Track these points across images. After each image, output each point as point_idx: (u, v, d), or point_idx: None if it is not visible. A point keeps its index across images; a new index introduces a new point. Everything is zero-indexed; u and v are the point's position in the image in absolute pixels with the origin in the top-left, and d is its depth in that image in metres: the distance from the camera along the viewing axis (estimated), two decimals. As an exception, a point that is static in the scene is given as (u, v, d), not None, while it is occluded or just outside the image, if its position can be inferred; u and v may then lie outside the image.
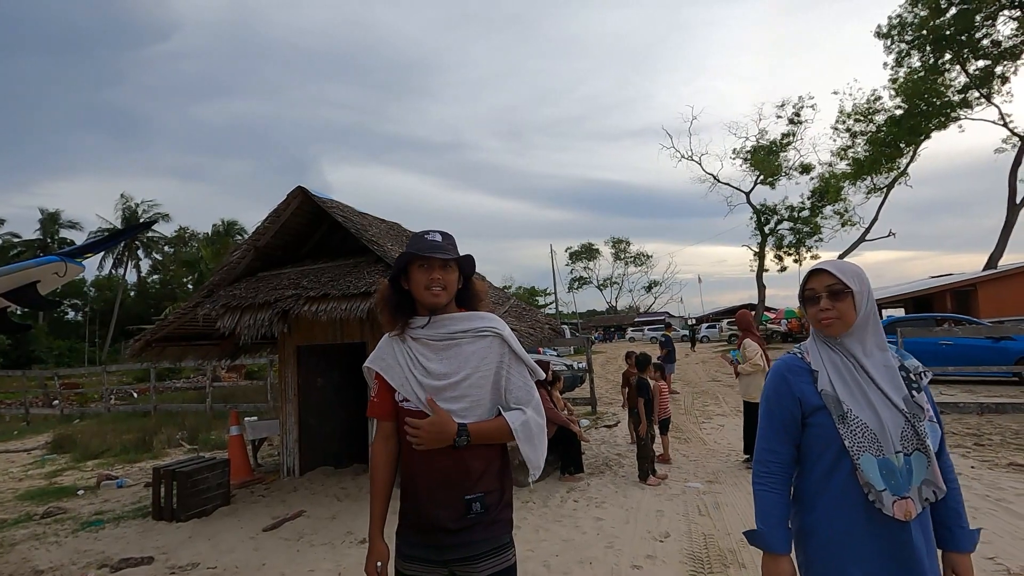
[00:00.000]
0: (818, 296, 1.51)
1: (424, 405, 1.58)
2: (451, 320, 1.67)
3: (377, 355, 1.73)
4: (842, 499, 1.42)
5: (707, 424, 8.60)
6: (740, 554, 3.66)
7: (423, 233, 1.70)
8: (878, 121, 25.94)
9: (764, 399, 1.60)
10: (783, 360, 1.59)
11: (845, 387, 1.45)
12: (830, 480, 1.44)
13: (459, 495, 1.55)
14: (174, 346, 7.00)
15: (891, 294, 24.68)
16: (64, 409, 16.21)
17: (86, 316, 42.03)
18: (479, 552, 1.55)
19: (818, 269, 1.54)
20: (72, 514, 5.89)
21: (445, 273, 1.64)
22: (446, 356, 1.63)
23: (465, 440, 1.55)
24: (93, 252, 2.66)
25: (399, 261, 1.68)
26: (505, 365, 1.66)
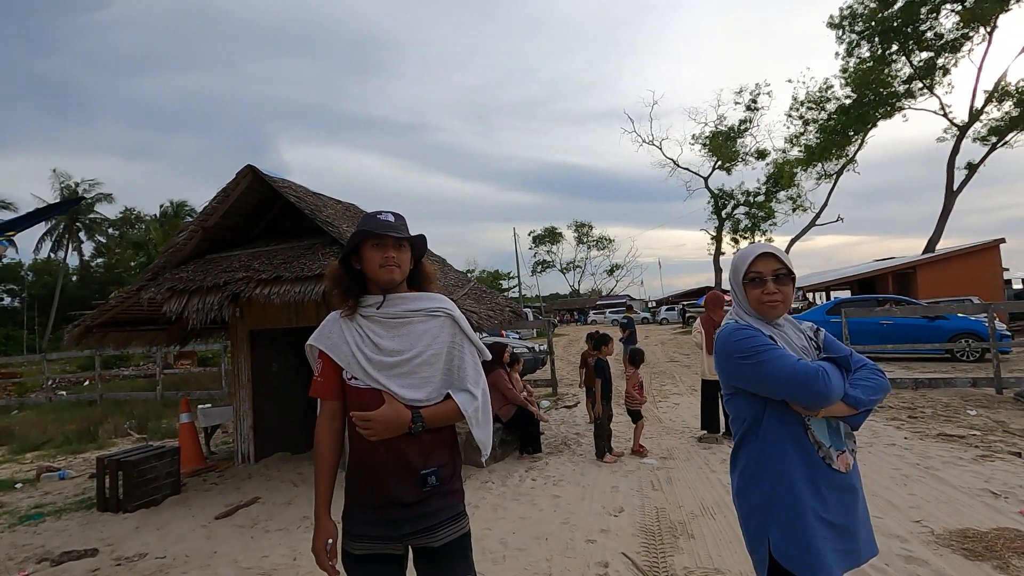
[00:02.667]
0: (765, 279, 1.56)
1: (372, 383, 1.60)
2: (403, 299, 1.70)
3: (321, 333, 1.71)
4: (803, 456, 1.51)
5: (663, 403, 8.84)
6: (690, 525, 3.80)
7: (375, 213, 1.71)
8: (829, 109, 26.84)
9: (753, 338, 1.53)
10: (733, 323, 1.62)
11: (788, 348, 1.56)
12: (787, 441, 1.53)
13: (415, 471, 1.59)
14: (117, 332, 6.68)
15: (838, 276, 25.81)
16: (0, 400, 15.34)
17: (24, 302, 39.67)
18: (437, 521, 1.60)
19: (765, 253, 1.59)
20: (9, 508, 5.61)
21: (399, 252, 1.67)
22: (398, 334, 1.66)
23: (420, 426, 1.59)
24: (17, 229, 2.49)
25: (352, 240, 1.69)
26: (456, 345, 1.71)
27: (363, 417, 1.57)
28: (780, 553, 1.48)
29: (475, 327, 5.70)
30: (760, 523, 1.55)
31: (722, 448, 5.81)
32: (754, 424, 1.59)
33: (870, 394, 1.50)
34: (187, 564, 3.79)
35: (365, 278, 1.71)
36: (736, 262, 1.67)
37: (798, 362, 1.47)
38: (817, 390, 1.43)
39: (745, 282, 1.60)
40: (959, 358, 11.19)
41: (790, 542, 1.48)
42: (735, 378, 1.60)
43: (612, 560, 3.35)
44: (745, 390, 1.58)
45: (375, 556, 1.61)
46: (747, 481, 1.60)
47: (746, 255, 1.62)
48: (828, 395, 1.44)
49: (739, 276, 1.62)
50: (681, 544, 3.53)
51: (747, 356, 1.52)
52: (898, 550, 3.19)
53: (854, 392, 1.48)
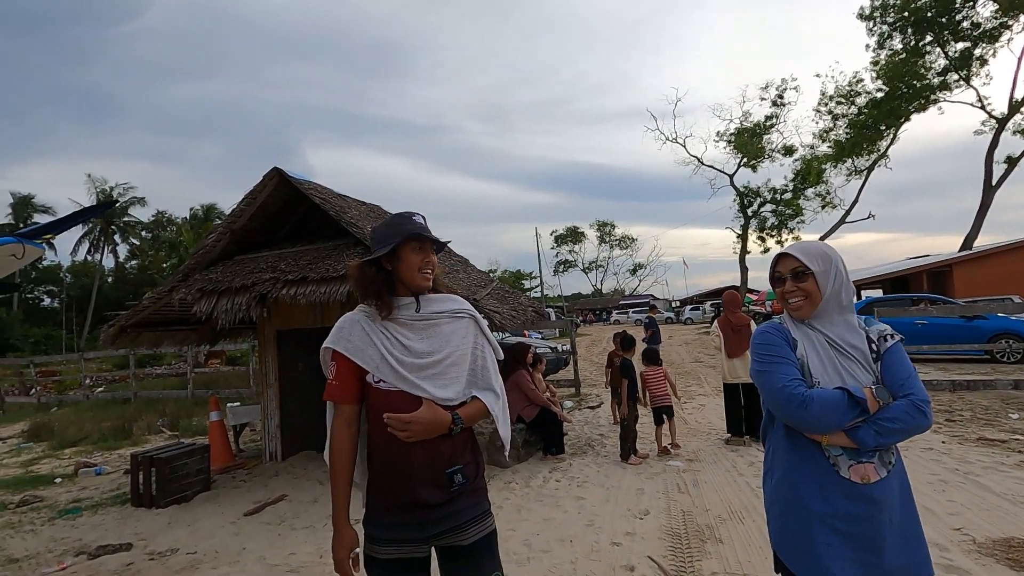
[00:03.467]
0: (784, 278, 1.60)
1: (404, 385, 1.59)
2: (429, 301, 1.71)
3: (340, 336, 1.66)
4: (812, 459, 1.50)
5: (689, 404, 8.71)
6: (718, 529, 3.73)
7: (409, 214, 1.70)
8: (860, 103, 26.14)
9: (766, 344, 1.56)
10: (768, 323, 1.66)
11: (819, 361, 1.53)
12: (798, 442, 1.53)
13: (441, 471, 1.59)
14: (150, 332, 6.86)
15: (869, 275, 25.12)
16: (41, 397, 15.92)
17: (62, 303, 41.14)
18: (465, 520, 1.61)
19: (784, 253, 1.63)
20: (49, 502, 5.80)
21: (433, 256, 1.70)
22: (427, 335, 1.66)
23: (460, 428, 1.61)
24: (54, 232, 2.56)
25: (392, 239, 1.64)
26: (479, 346, 1.74)
27: (401, 419, 1.54)
28: (779, 547, 1.54)
29: (498, 327, 5.70)
30: (771, 515, 1.61)
31: (750, 451, 5.69)
32: (769, 422, 1.64)
33: (886, 437, 1.42)
34: (217, 560, 3.86)
35: (393, 279, 1.68)
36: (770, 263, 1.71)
37: (787, 384, 1.47)
38: (792, 417, 1.46)
39: (773, 281, 1.66)
40: (999, 359, 10.77)
41: (789, 539, 1.52)
42: (753, 378, 1.63)
43: (638, 564, 3.31)
44: None
45: (400, 560, 1.59)
46: (764, 475, 1.67)
47: (773, 258, 1.67)
48: (806, 426, 1.46)
49: (771, 279, 1.67)
50: (709, 548, 3.46)
51: (756, 361, 1.58)
52: (937, 559, 3.07)
53: (863, 434, 1.42)
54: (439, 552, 1.64)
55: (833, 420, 1.43)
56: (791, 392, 1.46)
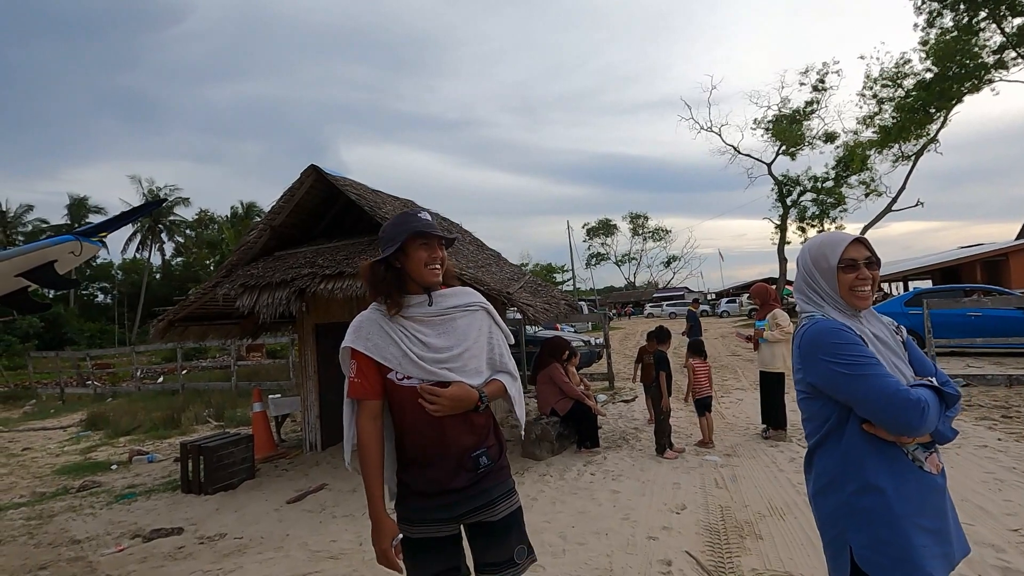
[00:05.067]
0: (859, 265, 1.49)
1: (433, 377, 1.66)
2: (442, 296, 1.76)
3: (358, 335, 1.70)
4: (893, 460, 1.42)
5: (726, 398, 8.55)
6: (757, 526, 3.66)
7: (415, 212, 1.76)
8: (907, 86, 24.95)
9: (850, 344, 1.42)
10: (831, 321, 1.49)
11: (881, 357, 1.44)
12: (873, 445, 1.42)
13: (469, 453, 1.68)
14: (196, 325, 7.14)
15: (918, 265, 24.09)
16: (97, 388, 16.77)
17: (115, 299, 43.17)
18: (495, 497, 1.70)
19: (857, 239, 1.53)
20: (106, 487, 6.12)
21: (443, 251, 1.74)
22: (443, 331, 1.72)
23: (486, 404, 1.71)
24: (108, 231, 2.70)
25: (399, 237, 1.68)
26: (494, 335, 1.82)
27: (432, 391, 1.61)
28: (866, 562, 1.39)
29: (532, 321, 5.71)
30: (840, 530, 1.45)
31: (790, 446, 5.55)
32: (836, 428, 1.48)
33: (951, 426, 1.42)
34: (262, 545, 4.00)
35: (403, 277, 1.71)
36: (823, 248, 1.54)
37: (899, 388, 1.34)
38: (912, 424, 1.33)
39: (841, 266, 1.50)
40: (1060, 353, 10.18)
41: (880, 551, 1.37)
42: (821, 381, 1.46)
43: (675, 558, 3.27)
44: (827, 394, 1.48)
45: (433, 538, 1.68)
46: (826, 485, 1.50)
47: (838, 240, 1.53)
48: (920, 431, 1.35)
49: (831, 261, 1.51)
50: (748, 545, 3.39)
51: (844, 365, 1.39)
52: (993, 560, 2.94)
53: (943, 428, 1.38)
54: (469, 528, 1.73)
55: (936, 421, 1.36)
56: (909, 397, 1.32)
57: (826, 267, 1.52)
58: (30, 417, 13.63)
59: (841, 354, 1.41)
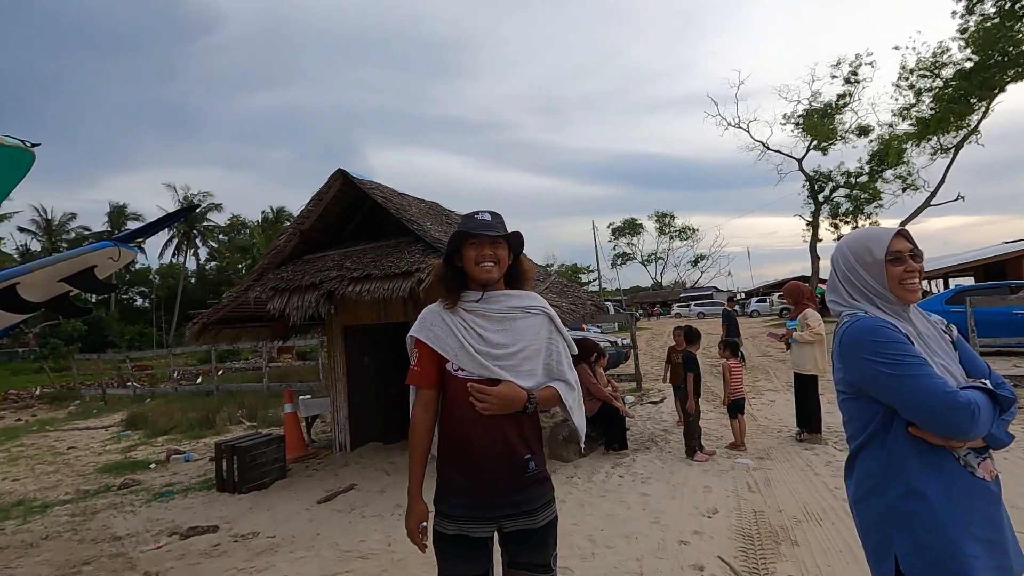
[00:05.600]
0: (905, 258, 1.45)
1: (486, 372, 1.70)
2: (505, 296, 1.81)
3: (423, 325, 1.79)
4: (942, 464, 1.35)
5: (757, 400, 8.36)
6: (793, 531, 3.56)
7: (473, 213, 1.83)
8: (946, 76, 24.02)
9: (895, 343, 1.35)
10: (871, 318, 1.43)
11: (929, 357, 1.37)
12: (920, 448, 1.36)
13: (519, 457, 1.70)
14: (229, 328, 7.31)
15: (960, 261, 23.21)
16: (136, 389, 17.34)
17: (152, 302, 44.63)
18: (537, 505, 1.72)
19: (901, 231, 1.49)
20: (145, 486, 6.32)
21: (495, 249, 1.76)
22: (502, 328, 1.77)
23: (534, 406, 1.72)
24: (145, 236, 2.78)
25: (452, 241, 1.80)
26: (553, 341, 1.84)
27: (482, 390, 1.65)
28: (912, 568, 1.33)
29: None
30: (884, 536, 1.39)
31: (826, 449, 5.39)
32: (880, 430, 1.41)
33: (1006, 430, 1.33)
34: (294, 544, 4.07)
35: (464, 275, 1.80)
36: (866, 242, 1.49)
37: (948, 390, 1.27)
38: (961, 428, 1.26)
39: (889, 259, 1.45)
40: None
41: (927, 558, 1.31)
42: (864, 382, 1.40)
43: (707, 563, 3.20)
44: (870, 394, 1.41)
45: (466, 537, 1.70)
46: (869, 489, 1.43)
47: (881, 234, 1.48)
48: (970, 435, 1.28)
49: (877, 255, 1.46)
50: (784, 551, 3.30)
51: (888, 364, 1.33)
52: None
53: (997, 431, 1.31)
54: (505, 534, 1.74)
55: (989, 425, 1.29)
56: (958, 400, 1.26)
57: (871, 261, 1.47)
58: (74, 417, 14.18)
59: (885, 353, 1.34)
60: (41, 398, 18.92)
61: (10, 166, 1.70)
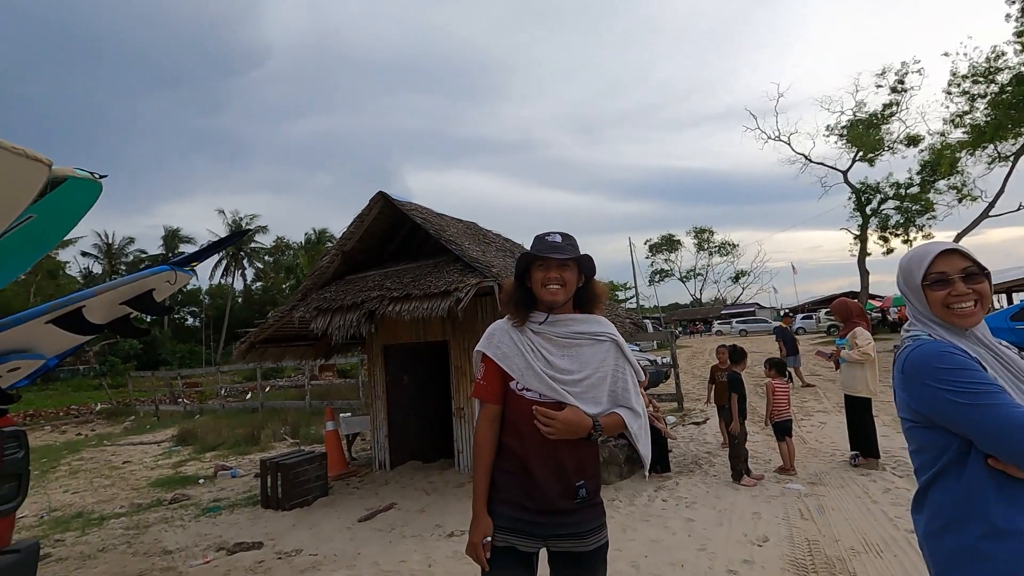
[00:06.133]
0: (951, 280, 1.33)
1: (554, 394, 1.69)
2: (572, 320, 1.80)
3: (490, 341, 1.80)
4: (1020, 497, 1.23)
5: (807, 421, 8.01)
6: (850, 563, 3.36)
7: (544, 235, 1.84)
8: (1001, 81, 22.96)
9: (964, 370, 1.26)
10: (937, 341, 1.34)
11: (1007, 384, 1.27)
12: (1003, 481, 1.25)
13: (572, 481, 1.69)
14: (274, 347, 7.53)
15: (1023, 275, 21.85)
16: (186, 406, 18.01)
17: (202, 322, 46.47)
18: (587, 529, 1.71)
19: (950, 250, 1.36)
20: (194, 500, 6.51)
21: (562, 272, 1.76)
22: (567, 354, 1.76)
23: (599, 433, 1.70)
24: (199, 260, 2.91)
25: (521, 262, 1.82)
26: (620, 368, 1.81)
27: (548, 414, 1.63)
28: None
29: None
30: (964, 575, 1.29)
31: (883, 475, 5.10)
32: (955, 461, 1.31)
33: None
34: (335, 563, 4.10)
35: (533, 296, 1.81)
36: (909, 263, 1.42)
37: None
38: None
39: (926, 284, 1.36)
40: None
41: None
42: (933, 411, 1.31)
43: (759, 595, 3.06)
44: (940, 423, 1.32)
45: (514, 550, 1.69)
46: (943, 526, 1.33)
47: (923, 254, 1.39)
48: None
49: (916, 279, 1.38)
50: (841, 584, 3.12)
51: (958, 393, 1.24)
52: None
53: None
54: (555, 554, 1.74)
55: None
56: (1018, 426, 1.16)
57: (913, 285, 1.39)
58: (129, 432, 14.81)
59: (954, 380, 1.25)
60: (100, 413, 19.88)
61: (79, 196, 1.81)
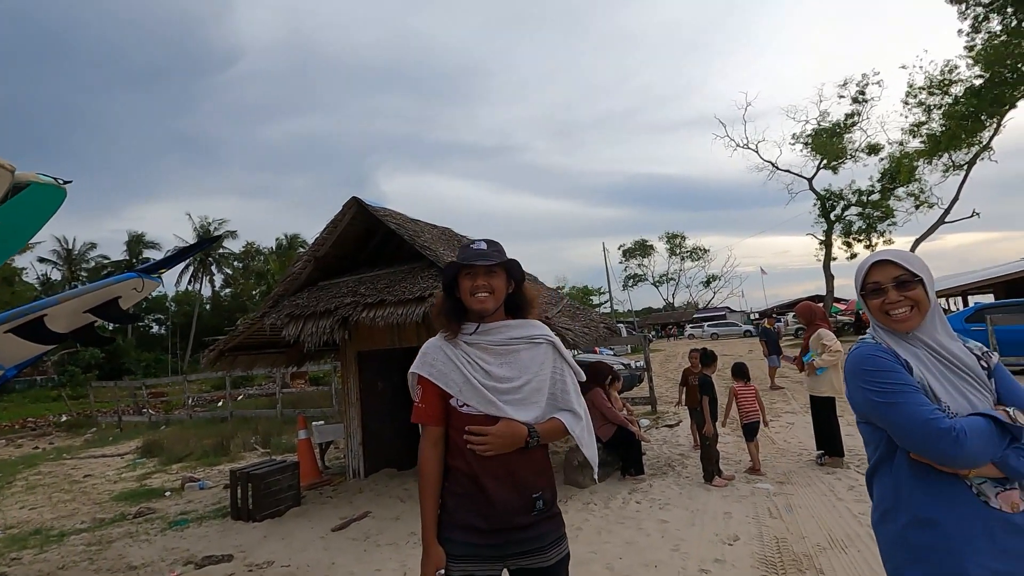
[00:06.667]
0: (884, 288, 1.44)
1: (492, 409, 1.65)
2: (506, 327, 1.75)
3: (424, 361, 1.74)
4: (952, 492, 1.33)
5: (775, 422, 8.21)
6: (817, 559, 3.47)
7: (469, 243, 1.80)
8: (955, 93, 24.02)
9: (883, 371, 1.38)
10: (869, 344, 1.46)
11: (938, 383, 1.37)
12: (929, 474, 1.36)
13: (527, 494, 1.64)
14: (245, 355, 7.38)
15: (978, 279, 22.82)
16: (151, 416, 17.44)
17: (168, 329, 45.15)
18: (548, 542, 1.66)
19: (882, 260, 1.47)
20: (160, 514, 6.31)
21: (490, 279, 1.72)
22: (505, 361, 1.72)
23: (536, 441, 1.65)
24: (167, 267, 2.85)
25: (447, 272, 1.77)
26: (558, 370, 1.78)
27: (479, 431, 1.61)
28: None
29: (571, 345, 5.66)
30: (896, 564, 1.40)
31: (848, 473, 5.27)
32: (887, 455, 1.43)
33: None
34: (309, 574, 4.04)
35: (464, 306, 1.76)
36: (854, 275, 1.55)
37: (931, 418, 1.28)
38: (946, 454, 1.27)
39: (864, 294, 1.49)
40: None
41: None
42: (861, 408, 1.44)
43: (730, 593, 3.13)
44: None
45: None
46: (882, 515, 1.45)
47: (861, 266, 1.52)
48: (959, 462, 1.28)
49: (857, 289, 1.52)
50: (809, 580, 3.22)
51: (877, 392, 1.37)
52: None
53: (1014, 462, 1.27)
54: (517, 572, 1.69)
55: (988, 453, 1.27)
56: (939, 427, 1.27)
57: (859, 295, 1.52)
58: (91, 445, 14.27)
59: (874, 380, 1.38)
60: (59, 426, 19.11)
61: (43, 203, 1.77)
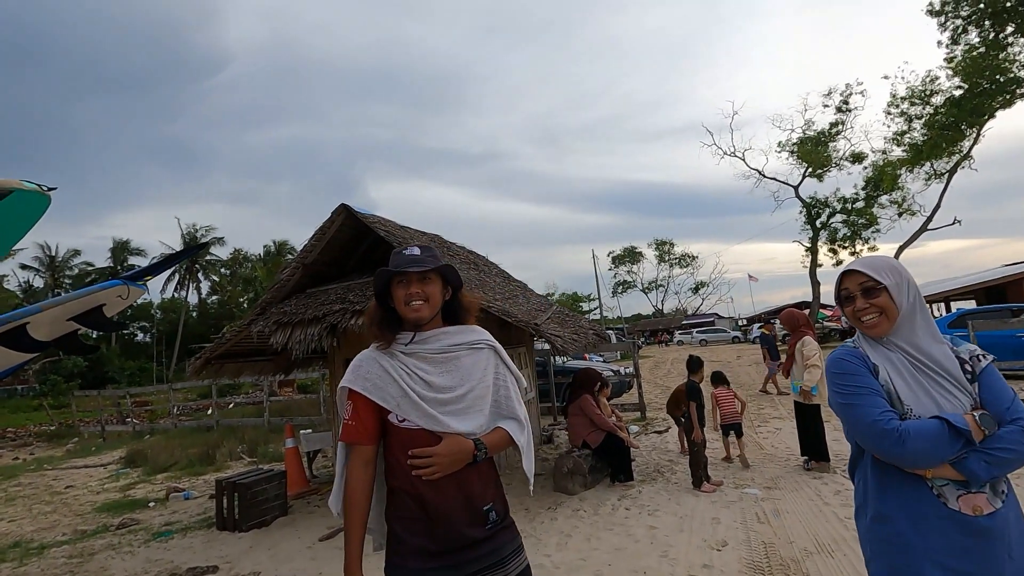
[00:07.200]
0: (853, 296, 1.52)
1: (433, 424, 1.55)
2: (444, 334, 1.66)
3: (358, 374, 1.62)
4: (911, 491, 1.39)
5: (763, 428, 8.28)
6: (804, 563, 3.49)
7: (401, 249, 1.70)
8: (936, 103, 24.54)
9: (845, 374, 1.47)
10: (843, 348, 1.56)
11: (905, 386, 1.43)
12: (892, 474, 1.43)
13: (479, 507, 1.57)
14: (232, 363, 7.31)
15: (960, 285, 23.25)
16: (136, 426, 17.18)
17: (153, 337, 44.52)
18: (507, 554, 1.59)
19: (849, 270, 1.55)
20: (144, 525, 6.21)
21: (424, 286, 1.62)
22: (446, 370, 1.62)
23: (484, 454, 1.58)
24: (153, 274, 2.83)
25: (379, 280, 1.66)
26: (500, 376, 1.70)
27: (424, 453, 1.51)
28: None
29: (560, 351, 5.68)
30: (866, 556, 1.50)
31: (834, 478, 5.32)
32: (859, 453, 1.54)
33: (999, 467, 1.31)
34: (296, 584, 3.99)
35: (398, 315, 1.67)
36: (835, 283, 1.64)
37: (877, 418, 1.37)
38: (891, 453, 1.36)
39: (839, 302, 1.58)
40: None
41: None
42: (832, 408, 1.54)
43: (718, 598, 3.14)
44: None
45: None
46: (856, 511, 1.56)
47: (837, 276, 1.61)
48: (905, 462, 1.36)
49: (837, 298, 1.60)
50: (795, 584, 3.24)
51: (840, 393, 1.48)
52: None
53: (973, 466, 1.31)
54: None
55: (936, 454, 1.32)
56: (884, 427, 1.35)
57: (836, 302, 1.61)
58: (73, 455, 14.01)
59: (839, 383, 1.48)
60: (39, 436, 18.75)
61: (27, 210, 1.75)
